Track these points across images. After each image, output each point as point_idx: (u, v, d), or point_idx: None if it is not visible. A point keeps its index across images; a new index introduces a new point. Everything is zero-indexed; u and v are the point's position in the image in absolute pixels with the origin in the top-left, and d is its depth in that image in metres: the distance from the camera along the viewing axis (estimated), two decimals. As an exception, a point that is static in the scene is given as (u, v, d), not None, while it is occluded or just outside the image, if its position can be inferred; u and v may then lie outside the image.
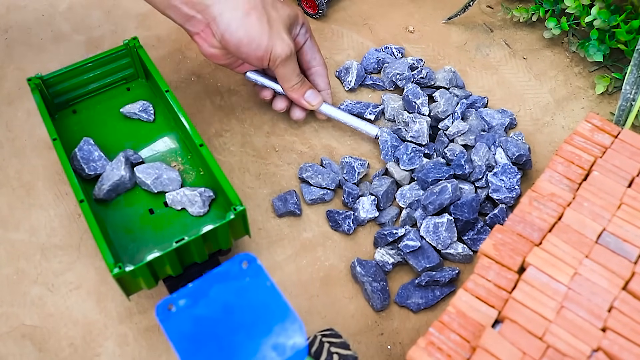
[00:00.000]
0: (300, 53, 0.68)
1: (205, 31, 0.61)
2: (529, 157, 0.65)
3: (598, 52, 0.73)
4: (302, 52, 0.68)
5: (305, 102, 0.66)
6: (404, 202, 0.63)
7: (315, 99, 0.67)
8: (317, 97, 0.67)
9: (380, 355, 0.56)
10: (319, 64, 0.68)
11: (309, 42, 0.67)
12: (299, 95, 0.66)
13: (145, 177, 0.59)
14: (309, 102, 0.66)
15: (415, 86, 0.71)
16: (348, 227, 0.62)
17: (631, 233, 0.48)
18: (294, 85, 0.65)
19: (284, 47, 0.61)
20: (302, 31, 0.66)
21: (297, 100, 0.66)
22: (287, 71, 0.64)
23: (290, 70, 0.64)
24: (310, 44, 0.68)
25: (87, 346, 0.57)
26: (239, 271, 0.47)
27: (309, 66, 0.68)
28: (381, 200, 0.63)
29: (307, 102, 0.66)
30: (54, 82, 0.63)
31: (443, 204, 0.61)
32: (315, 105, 0.67)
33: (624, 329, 0.43)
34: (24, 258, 0.62)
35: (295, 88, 0.65)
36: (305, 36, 0.67)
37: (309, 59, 0.68)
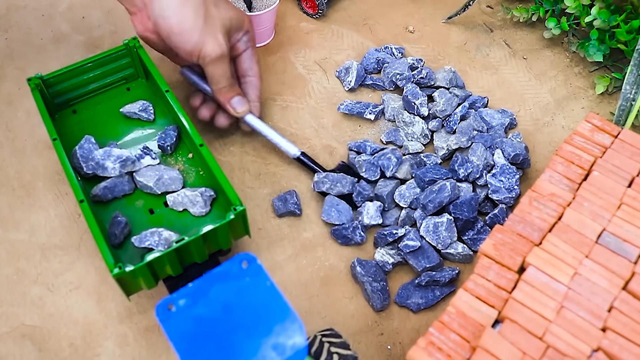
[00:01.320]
0: (238, 60, 0.66)
1: (142, 13, 0.61)
2: (526, 157, 0.65)
3: (598, 52, 0.73)
4: (240, 60, 0.66)
5: (231, 107, 0.64)
6: (405, 202, 0.63)
7: (242, 107, 0.65)
8: (244, 105, 0.65)
9: (380, 355, 0.56)
10: (255, 74, 0.67)
11: (249, 51, 0.66)
12: (225, 100, 0.64)
13: (147, 180, 0.59)
14: (234, 109, 0.65)
15: (414, 86, 0.71)
16: (361, 237, 0.62)
17: (631, 233, 0.48)
18: (222, 87, 0.63)
19: (214, 47, 0.59)
20: (245, 38, 0.65)
21: (223, 103, 0.65)
22: (216, 72, 0.61)
23: (220, 72, 0.62)
24: (249, 53, 0.66)
25: (87, 346, 0.57)
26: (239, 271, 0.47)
27: (244, 74, 0.67)
28: (386, 200, 0.63)
29: (233, 108, 0.64)
30: (54, 82, 0.63)
31: (443, 202, 0.61)
32: (240, 113, 0.65)
33: (624, 329, 0.43)
34: (24, 258, 0.62)
35: (223, 91, 0.63)
36: (247, 44, 0.65)
37: (246, 68, 0.66)
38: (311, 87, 0.76)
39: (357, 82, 0.74)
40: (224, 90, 0.63)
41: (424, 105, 0.69)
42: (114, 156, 0.59)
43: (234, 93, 0.64)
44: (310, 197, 0.66)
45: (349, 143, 0.69)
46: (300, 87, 0.76)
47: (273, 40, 0.81)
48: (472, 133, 0.67)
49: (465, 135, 0.66)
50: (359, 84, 0.75)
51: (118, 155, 0.59)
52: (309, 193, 0.66)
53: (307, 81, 0.76)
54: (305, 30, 0.82)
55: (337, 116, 0.73)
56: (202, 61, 0.61)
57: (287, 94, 0.75)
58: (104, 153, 0.59)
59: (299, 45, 0.80)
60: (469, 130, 0.67)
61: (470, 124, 0.68)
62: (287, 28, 0.82)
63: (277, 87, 0.75)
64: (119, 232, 0.55)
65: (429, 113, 0.70)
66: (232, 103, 0.64)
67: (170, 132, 0.62)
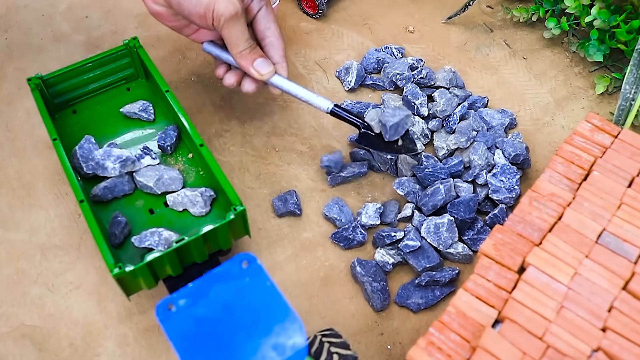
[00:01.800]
0: (254, 22, 0.62)
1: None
2: (527, 157, 0.65)
3: (598, 52, 0.73)
4: (256, 21, 0.62)
5: (254, 70, 0.61)
6: (402, 190, 0.63)
7: (266, 69, 0.61)
8: (268, 67, 0.61)
9: (380, 355, 0.56)
10: (274, 34, 0.63)
11: (264, 10, 0.62)
12: (247, 63, 0.60)
13: (147, 180, 0.59)
14: (258, 71, 0.61)
15: (414, 86, 0.71)
16: (362, 235, 0.62)
17: (631, 233, 0.48)
18: (242, 50, 0.60)
19: (227, 6, 0.56)
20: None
21: (245, 68, 0.61)
22: (233, 33, 0.58)
23: (237, 33, 0.58)
24: (265, 12, 0.62)
25: (87, 346, 0.57)
26: (239, 271, 0.47)
27: (263, 36, 0.63)
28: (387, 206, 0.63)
29: (256, 70, 0.61)
30: (54, 82, 0.63)
31: (437, 205, 0.61)
32: (265, 75, 0.61)
33: (624, 329, 0.43)
34: (24, 258, 0.62)
35: (244, 54, 0.60)
36: (260, 3, 0.61)
37: (263, 29, 0.62)
38: (311, 87, 0.76)
39: (357, 82, 0.74)
40: (244, 54, 0.60)
41: (424, 105, 0.69)
42: (114, 156, 0.59)
43: (256, 55, 0.61)
44: (310, 197, 0.66)
45: (350, 136, 0.69)
46: (300, 87, 0.75)
47: (273, 40, 0.80)
48: (472, 133, 0.67)
49: (465, 136, 0.66)
50: (359, 84, 0.75)
51: (118, 155, 0.59)
52: (309, 193, 0.66)
53: (307, 81, 0.76)
54: (305, 30, 0.82)
55: (337, 116, 0.73)
56: (217, 23, 0.58)
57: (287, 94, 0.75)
58: (104, 153, 0.59)
59: (299, 45, 0.80)
60: (468, 131, 0.67)
61: (470, 124, 0.68)
62: (287, 28, 0.82)
63: (277, 87, 0.75)
64: (119, 232, 0.56)
65: (429, 113, 0.70)
66: (256, 66, 0.61)
67: (170, 132, 0.62)
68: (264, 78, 0.62)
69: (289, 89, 0.63)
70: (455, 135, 0.67)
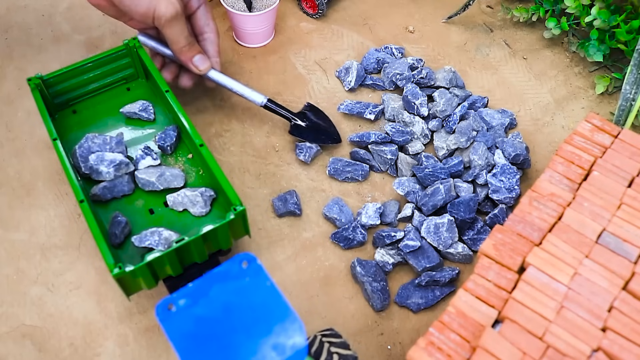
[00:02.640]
0: (193, 18, 0.66)
1: None
2: (527, 157, 0.65)
3: (598, 52, 0.73)
4: (195, 18, 0.66)
5: (193, 65, 0.65)
6: (402, 190, 0.64)
7: (204, 64, 0.65)
8: (206, 62, 0.65)
9: (380, 355, 0.56)
10: (212, 30, 0.67)
11: (203, 7, 0.66)
12: (187, 59, 0.64)
13: (149, 176, 0.59)
14: (197, 67, 0.65)
15: (414, 86, 0.71)
16: (362, 235, 0.62)
17: (631, 233, 0.48)
18: (183, 47, 0.63)
19: (168, 7, 0.59)
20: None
21: (185, 62, 0.65)
22: (174, 32, 0.61)
23: (177, 32, 0.62)
24: (204, 9, 0.66)
25: (87, 346, 0.57)
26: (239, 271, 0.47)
27: (201, 31, 0.67)
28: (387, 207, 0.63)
29: (195, 66, 0.65)
30: (54, 82, 0.63)
31: (437, 205, 0.61)
32: (203, 70, 0.65)
33: (624, 329, 0.43)
34: (24, 258, 0.62)
35: (184, 50, 0.63)
36: (200, 1, 0.65)
37: (202, 25, 0.66)
38: (311, 87, 0.76)
39: (357, 82, 0.74)
40: (184, 50, 0.64)
41: (423, 106, 0.69)
42: (107, 160, 0.58)
43: (195, 51, 0.65)
44: (310, 197, 0.66)
45: (350, 136, 0.69)
46: (300, 87, 0.76)
47: (273, 40, 0.80)
48: (472, 133, 0.67)
49: (465, 136, 0.66)
50: (359, 84, 0.75)
51: (111, 160, 0.59)
52: (309, 193, 0.66)
53: (307, 81, 0.76)
54: (305, 30, 0.82)
55: (337, 116, 0.73)
56: (157, 22, 0.61)
57: (287, 94, 0.75)
58: (96, 158, 0.59)
59: (299, 45, 0.80)
60: (468, 131, 0.67)
61: (470, 124, 0.68)
62: (287, 28, 0.82)
63: (277, 87, 0.75)
64: (119, 232, 0.56)
65: (429, 113, 0.70)
66: (194, 61, 0.65)
67: (170, 132, 0.62)
68: (202, 72, 0.66)
69: (225, 83, 0.67)
70: (455, 135, 0.67)
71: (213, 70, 0.67)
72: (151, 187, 0.59)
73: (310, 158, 0.67)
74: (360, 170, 0.66)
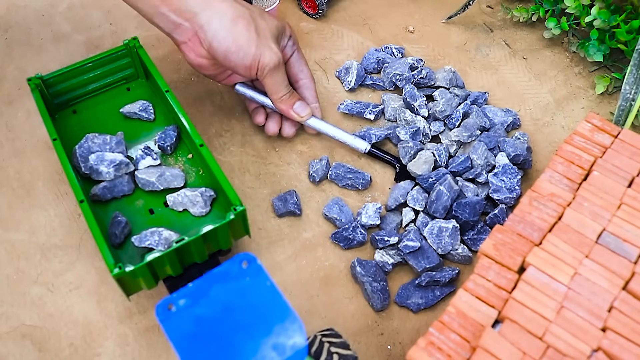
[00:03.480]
0: (287, 66, 0.67)
1: (193, 40, 0.61)
2: (527, 157, 0.65)
3: (598, 52, 0.73)
4: (289, 65, 0.67)
5: (294, 113, 0.65)
6: (419, 206, 0.63)
7: (305, 110, 0.65)
8: (307, 109, 0.66)
9: (380, 355, 0.56)
10: (307, 76, 0.68)
11: (296, 54, 0.67)
12: (287, 107, 0.65)
13: (149, 176, 0.59)
14: (298, 114, 0.65)
15: (412, 87, 0.71)
16: (362, 235, 0.62)
17: (631, 233, 0.48)
18: (283, 96, 0.64)
19: (272, 56, 0.60)
20: (290, 43, 0.66)
21: (286, 111, 0.65)
22: (275, 81, 0.62)
23: (279, 81, 0.63)
24: (297, 56, 0.67)
25: (87, 346, 0.57)
26: (239, 271, 0.47)
27: (296, 79, 0.68)
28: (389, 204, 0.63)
29: (296, 113, 0.65)
30: (54, 82, 0.63)
31: (447, 206, 0.61)
32: (304, 117, 0.66)
33: (624, 329, 0.43)
34: (24, 258, 0.62)
35: (284, 99, 0.64)
36: (293, 48, 0.66)
37: (297, 72, 0.67)
38: (311, 87, 0.75)
39: (357, 82, 0.74)
40: (284, 98, 0.64)
41: (422, 107, 0.69)
42: (107, 160, 0.58)
43: (295, 99, 0.65)
44: (310, 197, 0.66)
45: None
46: (300, 87, 0.75)
47: (273, 40, 0.80)
48: (476, 132, 0.67)
49: (468, 131, 0.66)
50: (359, 84, 0.75)
51: (111, 160, 0.58)
52: (309, 193, 0.66)
53: (307, 81, 0.76)
54: (305, 30, 0.82)
55: (337, 116, 0.73)
56: (260, 73, 0.61)
57: (287, 94, 0.75)
58: (96, 158, 0.59)
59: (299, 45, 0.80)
60: (473, 128, 0.67)
61: (475, 122, 0.68)
62: (287, 28, 0.82)
63: (277, 87, 0.75)
64: (119, 232, 0.56)
65: (429, 113, 0.70)
66: (295, 109, 0.65)
67: (170, 132, 0.62)
68: (304, 120, 0.66)
69: (326, 131, 0.67)
70: (460, 129, 0.67)
71: (313, 117, 0.67)
72: (151, 187, 0.59)
73: (319, 179, 0.66)
74: (362, 179, 0.66)
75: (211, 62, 0.62)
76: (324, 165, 0.66)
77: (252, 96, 0.68)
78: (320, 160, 0.67)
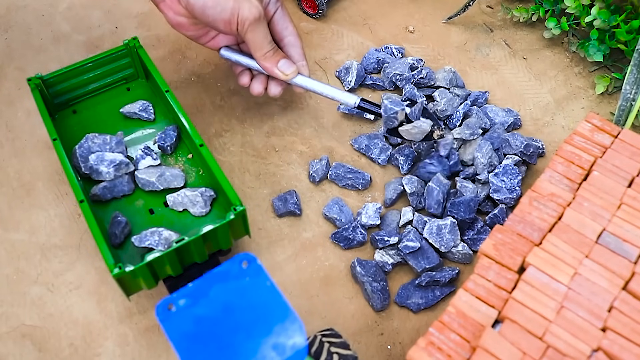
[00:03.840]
0: (271, 23, 0.64)
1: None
2: (537, 150, 0.65)
3: (598, 52, 0.73)
4: (273, 22, 0.64)
5: (279, 71, 0.63)
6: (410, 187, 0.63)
7: (289, 68, 0.63)
8: (292, 67, 0.63)
9: (380, 355, 0.56)
10: (292, 33, 0.65)
11: (280, 10, 0.64)
12: (272, 64, 0.62)
13: (149, 176, 0.59)
14: (283, 72, 0.63)
15: (412, 87, 0.71)
16: (362, 235, 0.62)
17: (631, 233, 0.48)
18: (266, 52, 0.62)
19: (251, 9, 0.58)
20: (273, 0, 0.64)
21: (270, 69, 0.63)
22: (257, 37, 0.60)
23: (261, 36, 0.60)
24: (281, 13, 0.64)
25: (87, 346, 0.57)
26: (239, 271, 0.47)
27: (281, 37, 0.65)
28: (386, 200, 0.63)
29: (281, 71, 0.63)
30: (54, 82, 0.63)
31: (440, 200, 0.61)
32: (290, 75, 0.63)
33: (624, 329, 0.43)
34: (24, 258, 0.62)
35: (268, 56, 0.62)
36: (277, 5, 0.64)
37: (281, 29, 0.65)
38: (311, 87, 0.75)
39: (357, 82, 0.74)
40: (268, 55, 0.62)
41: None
42: (107, 160, 0.58)
43: (279, 56, 0.63)
44: (310, 197, 0.66)
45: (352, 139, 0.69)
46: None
47: (273, 40, 0.80)
48: (478, 131, 0.67)
49: (470, 129, 0.66)
50: (359, 84, 0.75)
51: (111, 160, 0.58)
52: (309, 193, 0.66)
53: (307, 81, 0.76)
54: (305, 30, 0.82)
55: (337, 116, 0.73)
56: (241, 27, 0.59)
57: (287, 94, 0.75)
58: (96, 158, 0.58)
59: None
60: (475, 127, 0.67)
61: (477, 122, 0.68)
62: (287, 28, 0.82)
63: (277, 87, 0.75)
64: (119, 232, 0.56)
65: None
66: (280, 67, 0.63)
67: (170, 132, 0.62)
68: (289, 78, 0.64)
69: (313, 87, 0.65)
70: (462, 127, 0.67)
71: (300, 75, 0.65)
72: (151, 187, 0.59)
73: (319, 179, 0.66)
74: (362, 179, 0.66)
75: (190, 20, 0.61)
76: (324, 165, 0.66)
77: (237, 59, 0.66)
78: (320, 160, 0.67)
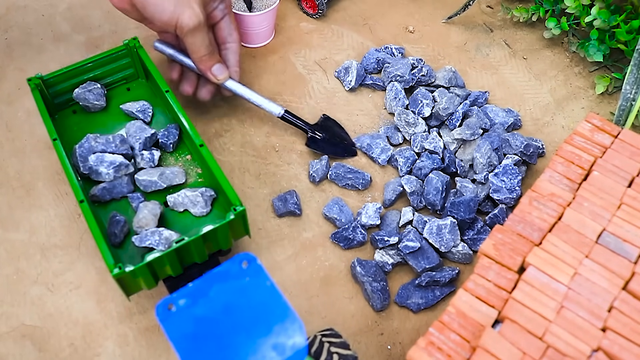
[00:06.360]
0: (216, 28, 0.67)
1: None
2: (537, 150, 0.65)
3: (598, 52, 0.73)
4: (218, 27, 0.67)
5: (212, 75, 0.65)
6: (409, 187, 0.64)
7: (222, 73, 0.65)
8: (224, 72, 0.66)
9: (380, 355, 0.56)
10: (234, 40, 0.67)
11: (227, 18, 0.66)
12: (206, 68, 0.65)
13: (150, 176, 0.59)
14: (215, 76, 0.65)
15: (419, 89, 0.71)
16: (362, 235, 0.62)
17: (631, 233, 0.48)
18: (202, 56, 0.63)
19: (191, 17, 0.59)
20: (221, 6, 0.66)
21: (204, 71, 0.65)
22: (195, 42, 0.62)
23: (198, 42, 0.62)
24: (228, 20, 0.66)
25: (87, 346, 0.57)
26: (239, 271, 0.47)
27: (224, 41, 0.67)
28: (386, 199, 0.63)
29: (214, 75, 0.65)
30: (54, 82, 0.63)
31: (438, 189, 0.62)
32: (221, 79, 0.66)
33: (624, 329, 0.43)
34: (24, 258, 0.62)
35: (204, 59, 0.64)
36: (224, 12, 0.66)
37: (225, 35, 0.67)
38: (311, 87, 0.76)
39: (357, 82, 0.74)
40: (204, 59, 0.64)
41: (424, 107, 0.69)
42: (107, 162, 0.58)
43: (214, 61, 0.65)
44: (310, 197, 0.66)
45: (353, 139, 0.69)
46: (300, 87, 0.76)
47: (273, 40, 0.81)
48: (478, 131, 0.67)
49: (471, 129, 0.66)
50: (359, 83, 0.75)
51: (111, 161, 0.58)
52: (309, 193, 0.66)
53: (307, 81, 0.76)
54: (305, 30, 0.82)
55: (337, 116, 0.73)
56: (179, 31, 0.61)
57: (287, 94, 0.75)
58: (96, 159, 0.58)
59: (299, 45, 0.80)
60: (475, 127, 0.67)
61: (477, 122, 0.68)
62: (287, 28, 0.82)
63: (277, 87, 0.75)
64: (118, 231, 0.56)
65: (431, 113, 0.70)
66: (213, 71, 0.65)
67: (172, 129, 0.62)
68: (220, 82, 0.66)
69: (242, 93, 0.68)
70: (462, 127, 0.67)
71: (231, 80, 0.67)
72: (153, 187, 0.59)
73: (319, 179, 0.67)
74: (362, 179, 0.66)
75: (133, 8, 0.62)
76: (324, 165, 0.66)
77: (171, 54, 0.67)
78: (320, 160, 0.67)
